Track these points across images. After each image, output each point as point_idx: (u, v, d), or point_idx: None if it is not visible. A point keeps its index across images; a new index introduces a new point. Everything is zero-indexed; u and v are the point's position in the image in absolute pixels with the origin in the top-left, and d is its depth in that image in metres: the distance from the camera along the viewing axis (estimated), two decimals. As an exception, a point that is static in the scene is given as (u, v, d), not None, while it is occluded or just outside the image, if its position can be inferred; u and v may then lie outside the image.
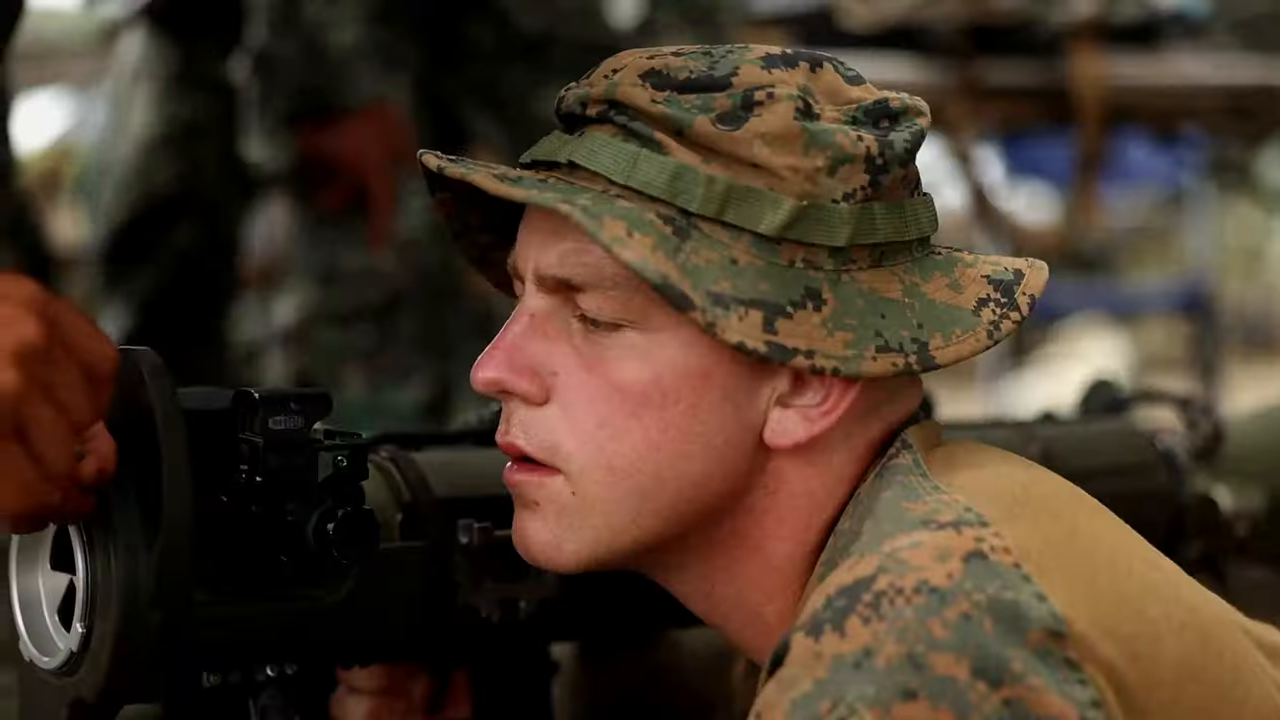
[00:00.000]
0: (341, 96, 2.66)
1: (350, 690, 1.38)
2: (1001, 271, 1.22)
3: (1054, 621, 1.06)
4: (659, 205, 1.16)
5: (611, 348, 1.18)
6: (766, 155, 1.16)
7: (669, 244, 1.14)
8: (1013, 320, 1.20)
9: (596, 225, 1.12)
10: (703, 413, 1.17)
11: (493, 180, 1.16)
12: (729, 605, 1.24)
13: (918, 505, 1.14)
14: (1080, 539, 1.14)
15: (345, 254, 2.70)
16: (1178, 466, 1.62)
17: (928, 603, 1.05)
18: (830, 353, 1.15)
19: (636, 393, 1.17)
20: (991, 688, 1.03)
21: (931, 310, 1.19)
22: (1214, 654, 1.13)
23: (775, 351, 1.14)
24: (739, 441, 1.18)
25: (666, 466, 1.18)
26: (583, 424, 1.18)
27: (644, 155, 1.17)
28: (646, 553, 1.22)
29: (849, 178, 1.17)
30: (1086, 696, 1.05)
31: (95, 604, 1.16)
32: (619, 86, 1.18)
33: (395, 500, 1.29)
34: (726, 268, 1.14)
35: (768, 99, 1.17)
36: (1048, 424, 1.61)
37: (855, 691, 1.03)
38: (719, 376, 1.17)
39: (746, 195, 1.15)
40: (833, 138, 1.17)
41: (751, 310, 1.14)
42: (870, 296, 1.17)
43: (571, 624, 1.39)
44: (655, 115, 1.17)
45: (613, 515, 1.19)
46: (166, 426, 1.14)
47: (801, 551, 1.21)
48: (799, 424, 1.18)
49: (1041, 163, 5.57)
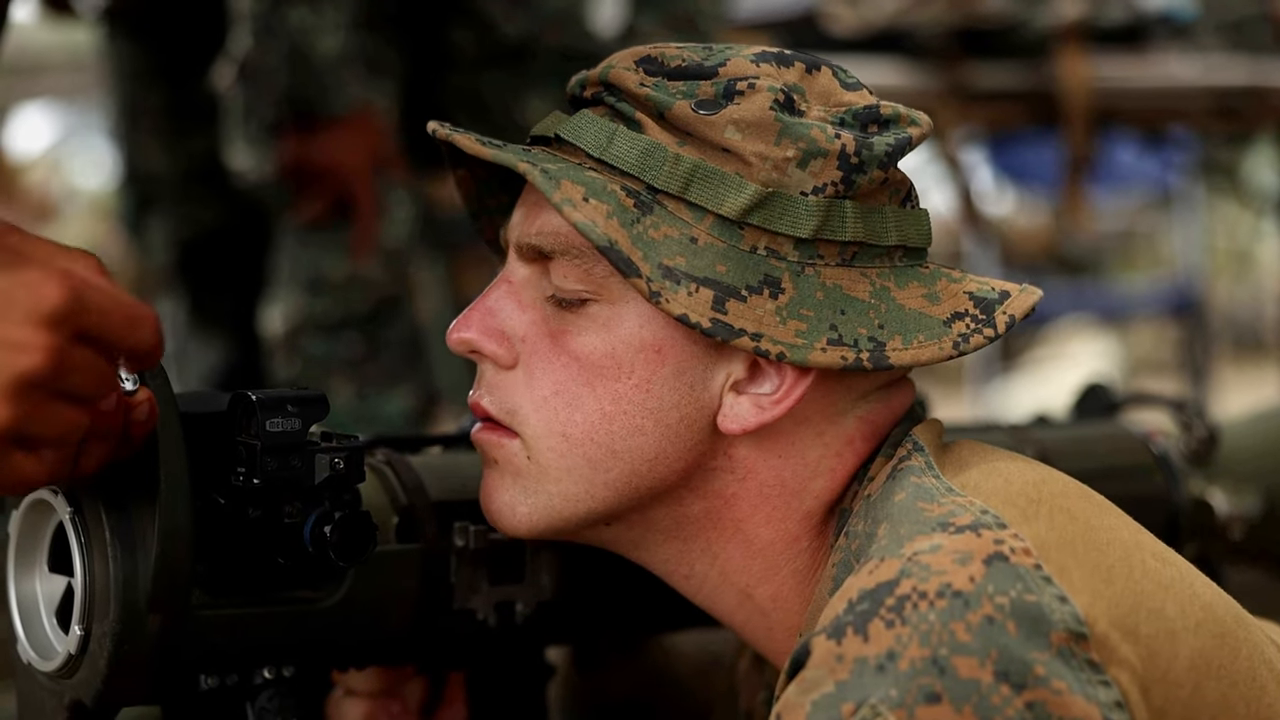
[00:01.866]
0: (326, 104, 2.65)
1: (347, 693, 1.38)
2: (988, 291, 1.23)
3: (1076, 623, 1.07)
4: (628, 180, 1.19)
5: (575, 320, 1.21)
6: (737, 140, 1.18)
7: (627, 215, 1.17)
8: (985, 336, 1.21)
9: (552, 186, 1.16)
10: (656, 388, 1.20)
11: (471, 141, 1.20)
12: (714, 585, 1.25)
13: (934, 507, 1.14)
14: (1095, 537, 1.14)
15: (330, 263, 2.70)
16: (1172, 469, 1.62)
17: (951, 606, 1.06)
18: (779, 338, 1.17)
19: (592, 363, 1.20)
20: (1015, 691, 1.03)
21: (898, 314, 1.20)
22: (1230, 650, 1.13)
23: (719, 329, 1.16)
24: (693, 422, 1.20)
25: (619, 439, 1.20)
26: (540, 390, 1.21)
27: (621, 132, 1.20)
28: (605, 526, 1.24)
29: (820, 172, 1.19)
30: (1110, 698, 1.06)
31: (93, 606, 1.17)
32: (613, 69, 1.22)
33: (391, 503, 1.29)
34: (685, 245, 1.17)
35: (749, 89, 1.19)
36: (1042, 427, 1.61)
37: (878, 694, 1.04)
38: (672, 353, 1.19)
39: (711, 176, 1.18)
40: (807, 131, 1.19)
41: (703, 288, 1.16)
42: (833, 292, 1.19)
43: (567, 627, 1.39)
44: (640, 97, 1.20)
45: (565, 483, 1.22)
46: (164, 429, 1.14)
47: (784, 539, 1.23)
48: (750, 410, 1.20)
49: (1028, 166, 5.58)
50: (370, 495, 1.27)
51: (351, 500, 1.21)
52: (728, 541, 1.23)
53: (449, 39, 2.82)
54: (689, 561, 1.25)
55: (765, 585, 1.23)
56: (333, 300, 2.70)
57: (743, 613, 1.25)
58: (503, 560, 1.31)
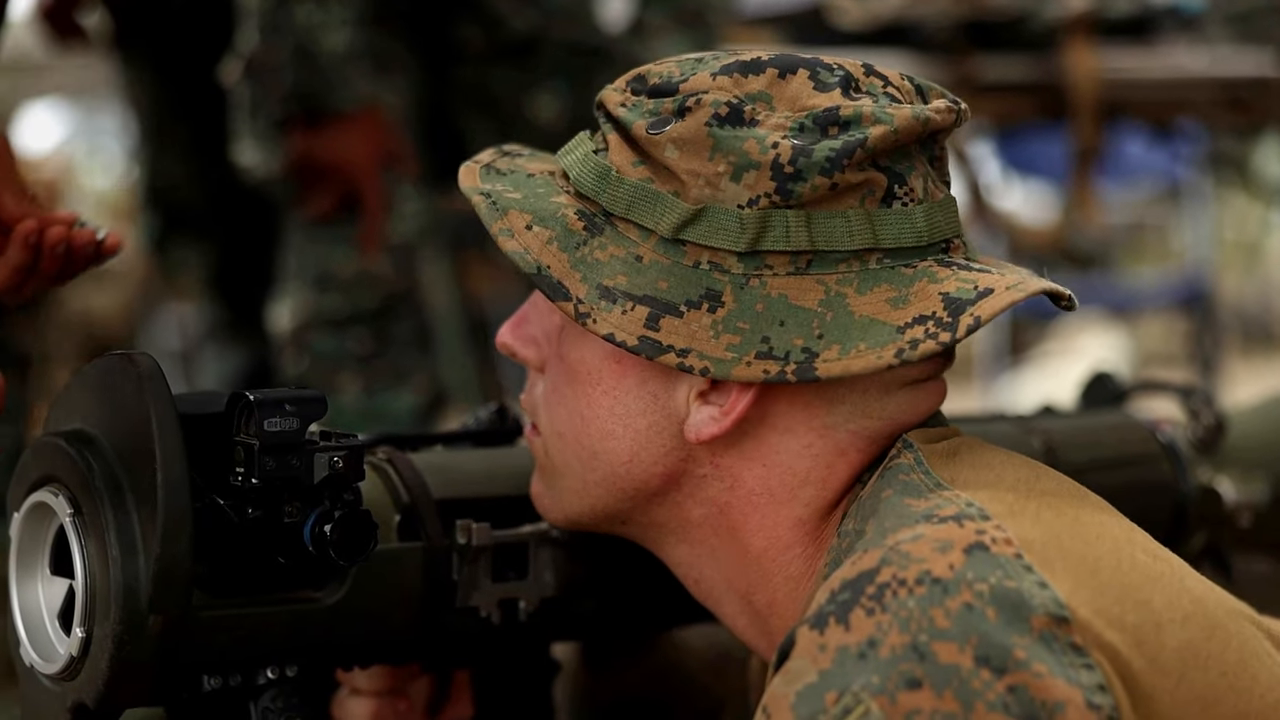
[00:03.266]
0: (332, 100, 2.65)
1: (352, 692, 1.38)
2: (967, 290, 1.19)
3: (1057, 607, 1.07)
4: (586, 203, 1.23)
5: (569, 328, 1.24)
6: (675, 159, 1.20)
7: (572, 239, 1.21)
8: (938, 342, 1.17)
9: (496, 215, 1.23)
10: (621, 395, 1.23)
11: (466, 170, 1.28)
12: (719, 589, 1.27)
13: (920, 502, 1.15)
14: (1083, 532, 1.14)
15: (338, 259, 2.70)
16: (1180, 458, 1.61)
17: (930, 593, 1.06)
18: (707, 353, 1.18)
19: (574, 369, 1.24)
20: (996, 675, 1.04)
21: (844, 322, 1.18)
22: (1219, 643, 1.13)
23: (645, 347, 1.18)
24: (662, 429, 1.23)
25: (596, 440, 1.24)
26: (545, 390, 1.27)
27: (589, 156, 1.24)
28: (619, 524, 1.27)
29: (754, 184, 1.19)
30: (1092, 681, 1.06)
31: (95, 609, 1.17)
32: (606, 89, 1.26)
33: (393, 501, 1.29)
34: (629, 264, 1.20)
35: (695, 105, 1.21)
36: (1048, 417, 1.61)
37: (860, 681, 1.04)
38: (631, 364, 1.22)
39: (649, 197, 1.21)
40: (740, 144, 1.19)
41: (639, 306, 1.19)
42: (776, 303, 1.18)
43: (571, 624, 1.38)
44: (616, 117, 1.24)
45: (568, 479, 1.27)
46: (163, 430, 1.14)
47: (776, 547, 1.23)
48: (707, 421, 1.22)
49: (1036, 159, 5.56)
50: (372, 493, 1.27)
51: (352, 499, 1.21)
52: (728, 548, 1.25)
53: (457, 34, 2.82)
54: (698, 565, 1.27)
55: (761, 591, 1.24)
56: (341, 296, 2.70)
57: (744, 618, 1.27)
58: (506, 557, 1.31)
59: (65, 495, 1.18)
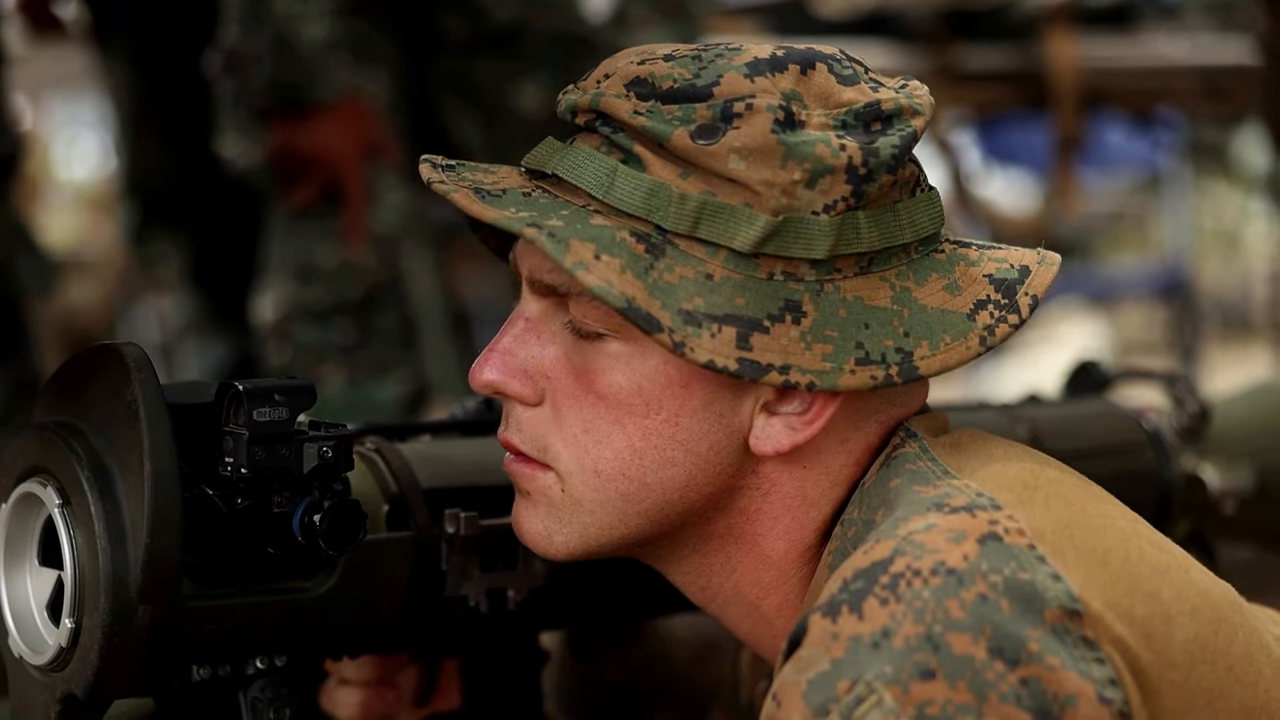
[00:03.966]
0: (314, 91, 2.65)
1: (341, 682, 1.38)
2: (1006, 270, 1.21)
3: (1070, 600, 1.07)
4: (635, 222, 1.17)
5: (597, 356, 1.19)
6: (742, 170, 1.16)
7: (640, 264, 1.15)
8: (1009, 324, 1.19)
9: (561, 250, 1.14)
10: (685, 421, 1.18)
11: (470, 199, 1.18)
12: (726, 597, 1.25)
13: (929, 489, 1.14)
14: (1091, 523, 1.14)
15: (321, 250, 2.69)
16: (1164, 446, 1.61)
17: (944, 584, 1.06)
18: (807, 367, 1.15)
19: (619, 401, 1.18)
20: (1009, 667, 1.04)
21: (922, 316, 1.18)
22: (1225, 637, 1.13)
23: (747, 369, 1.14)
24: (723, 448, 1.19)
25: (650, 472, 1.19)
26: (570, 427, 1.20)
27: (621, 171, 1.17)
28: (637, 547, 1.24)
29: (830, 189, 1.16)
30: (1104, 675, 1.06)
31: (84, 599, 1.16)
32: (603, 97, 1.19)
33: (381, 491, 1.29)
34: (701, 284, 1.15)
35: (746, 110, 1.16)
36: (1034, 405, 1.61)
37: (873, 670, 1.04)
38: (699, 386, 1.18)
39: (720, 211, 1.16)
40: (812, 149, 1.16)
41: (725, 327, 1.14)
42: (855, 306, 1.17)
43: (560, 613, 1.38)
44: (636, 128, 1.17)
45: (599, 514, 1.21)
46: (151, 421, 1.13)
47: (798, 549, 1.22)
48: (783, 432, 1.19)
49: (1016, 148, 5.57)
50: (360, 484, 1.27)
51: (341, 489, 1.20)
52: (745, 555, 1.23)
53: (439, 24, 2.81)
54: (707, 574, 1.25)
55: (773, 596, 1.23)
56: (324, 287, 2.70)
57: (749, 622, 1.25)
58: (495, 547, 1.31)
59: (54, 486, 1.18)
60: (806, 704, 1.05)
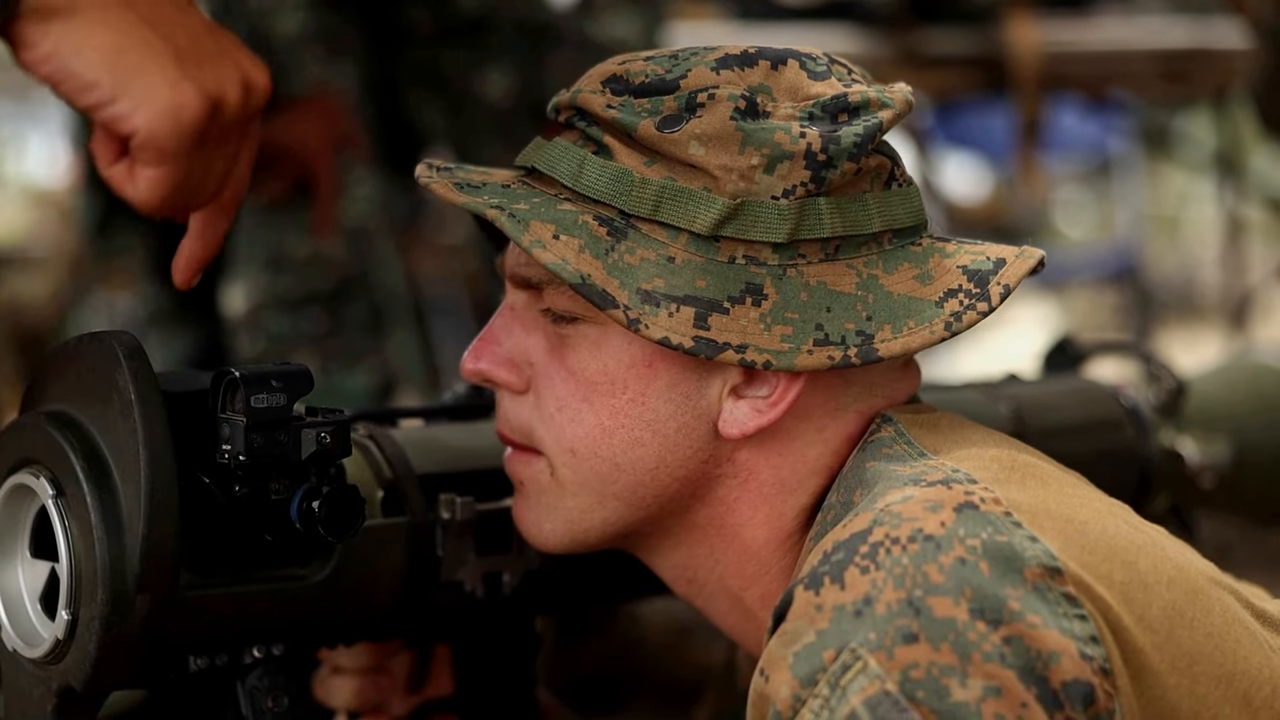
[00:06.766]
0: (285, 84, 2.63)
1: (334, 670, 1.37)
2: (981, 261, 1.23)
3: (1049, 559, 1.08)
4: (600, 208, 1.20)
5: (571, 337, 1.22)
6: (701, 155, 1.19)
7: (600, 245, 1.18)
8: (978, 312, 1.21)
9: (520, 229, 1.18)
10: (651, 401, 1.21)
11: (447, 189, 1.21)
12: (711, 589, 1.27)
13: (905, 468, 1.16)
14: (1067, 500, 1.16)
15: (292, 241, 2.69)
16: (1143, 421, 1.62)
17: (923, 549, 1.07)
18: (764, 346, 1.17)
19: (587, 380, 1.21)
20: (991, 626, 1.05)
21: (886, 302, 1.20)
22: (1203, 606, 1.14)
23: (702, 346, 1.17)
24: (691, 430, 1.21)
25: (620, 452, 1.22)
26: (547, 408, 1.23)
27: (590, 160, 1.21)
28: (621, 536, 1.25)
29: (788, 174, 1.19)
30: (1085, 631, 1.07)
31: (80, 590, 1.15)
32: (581, 92, 1.23)
33: (376, 477, 1.29)
34: (663, 266, 1.18)
35: (709, 100, 1.19)
36: (1015, 383, 1.62)
37: (858, 638, 1.05)
38: (663, 366, 1.20)
39: (679, 195, 1.19)
40: (771, 136, 1.19)
41: (684, 307, 1.17)
42: (817, 290, 1.19)
43: (555, 597, 1.38)
44: (607, 120, 1.21)
45: (580, 497, 1.23)
46: (145, 409, 1.13)
47: (778, 538, 1.24)
48: (749, 415, 1.21)
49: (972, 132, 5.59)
50: (354, 470, 1.27)
51: (338, 475, 1.20)
52: (727, 546, 1.25)
53: (406, 15, 2.81)
54: (693, 568, 1.27)
55: (756, 586, 1.25)
56: (295, 278, 2.69)
57: (734, 616, 1.27)
58: (489, 531, 1.31)
59: (46, 476, 1.17)
60: (794, 676, 1.06)
